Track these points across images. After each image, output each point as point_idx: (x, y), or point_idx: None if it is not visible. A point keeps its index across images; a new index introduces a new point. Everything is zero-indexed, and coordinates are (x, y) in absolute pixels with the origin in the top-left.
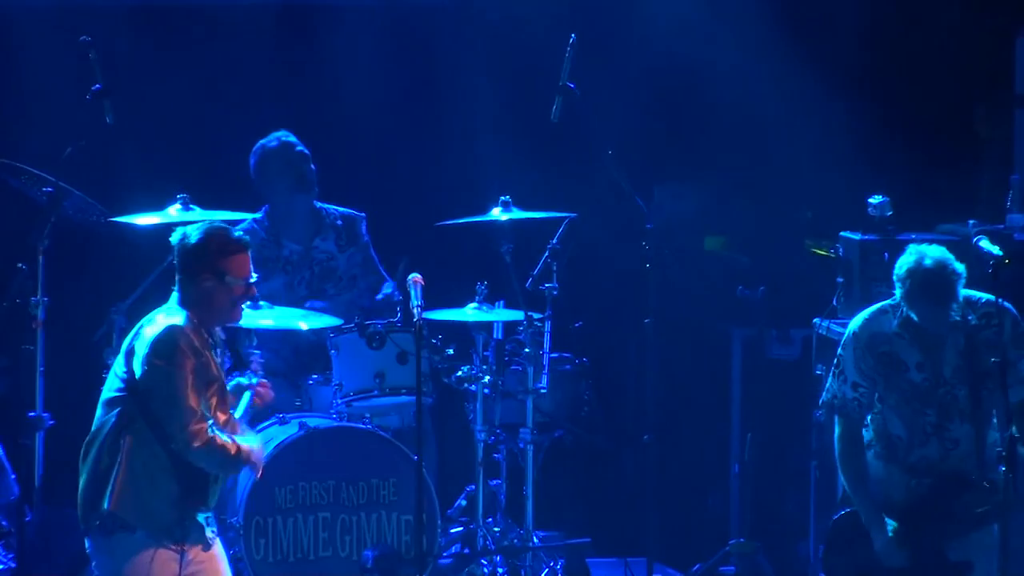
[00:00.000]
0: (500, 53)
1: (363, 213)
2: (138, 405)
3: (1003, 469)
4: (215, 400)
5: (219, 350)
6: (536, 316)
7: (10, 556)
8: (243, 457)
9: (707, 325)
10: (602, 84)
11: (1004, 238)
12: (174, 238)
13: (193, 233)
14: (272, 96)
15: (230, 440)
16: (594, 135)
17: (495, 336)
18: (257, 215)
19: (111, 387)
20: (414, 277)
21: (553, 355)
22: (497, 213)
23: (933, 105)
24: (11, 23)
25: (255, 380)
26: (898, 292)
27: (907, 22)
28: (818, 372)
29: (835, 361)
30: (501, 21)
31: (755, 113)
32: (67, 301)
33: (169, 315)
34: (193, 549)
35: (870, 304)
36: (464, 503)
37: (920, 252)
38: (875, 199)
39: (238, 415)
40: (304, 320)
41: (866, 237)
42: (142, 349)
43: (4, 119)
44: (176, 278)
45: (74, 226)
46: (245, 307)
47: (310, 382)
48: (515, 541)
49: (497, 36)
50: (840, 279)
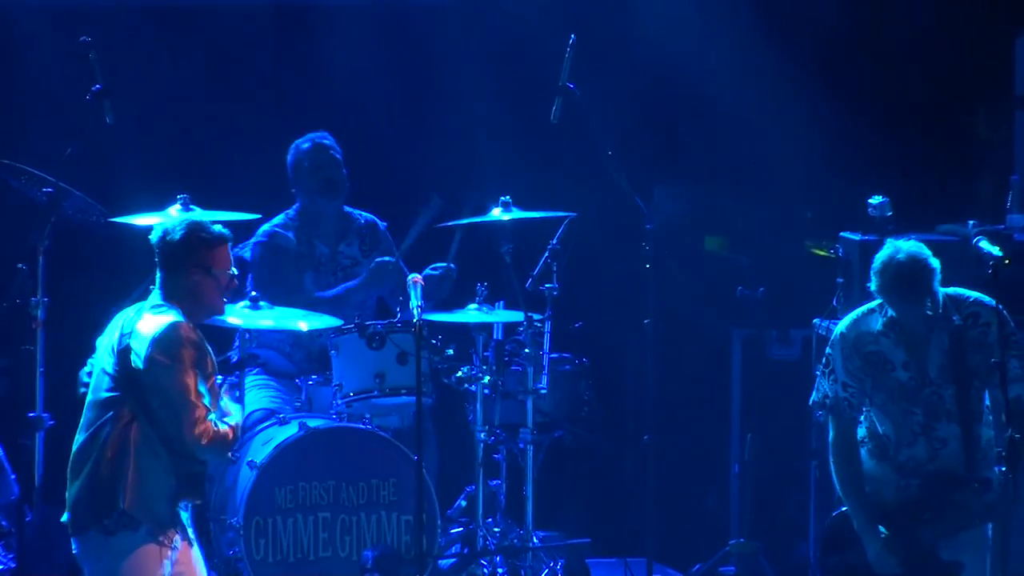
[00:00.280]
0: (500, 53)
1: (384, 221)
2: (139, 403)
3: (1003, 469)
4: (212, 392)
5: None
6: (536, 316)
7: (10, 556)
8: (238, 436)
9: (707, 325)
10: (602, 84)
11: (1004, 238)
12: (153, 236)
13: (175, 229)
14: (272, 96)
15: (226, 426)
16: (594, 135)
17: (495, 336)
18: (289, 212)
19: (101, 387)
20: (414, 277)
21: (553, 355)
22: (497, 213)
23: (933, 105)
24: (11, 23)
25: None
26: (873, 286)
27: (907, 22)
28: (818, 372)
29: (824, 361)
30: (501, 21)
31: (755, 113)
32: (67, 301)
33: (161, 312)
34: (182, 544)
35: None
36: (464, 503)
37: (895, 246)
38: (875, 199)
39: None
40: (304, 320)
41: (866, 237)
42: (141, 346)
43: (4, 119)
44: (159, 275)
45: (74, 226)
46: (245, 307)
47: (310, 382)
48: (515, 541)
49: (497, 36)
50: (840, 279)
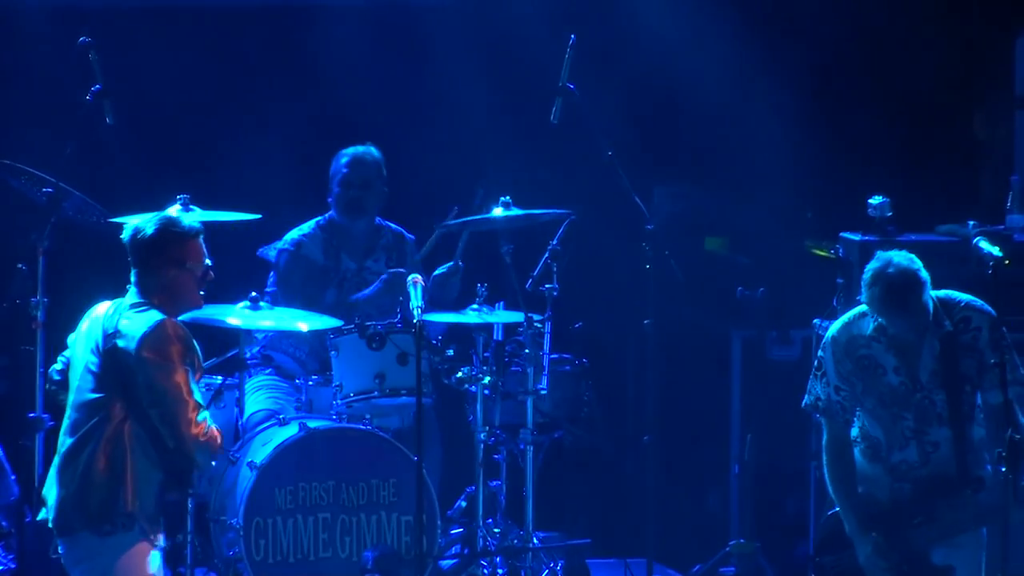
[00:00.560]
0: (500, 53)
1: (412, 236)
2: (129, 402)
3: (1003, 469)
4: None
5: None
6: (536, 317)
7: (10, 557)
8: (221, 439)
9: (707, 326)
10: (602, 84)
11: (1004, 238)
12: (125, 234)
13: (147, 226)
14: (272, 96)
15: (216, 426)
16: (594, 136)
17: (495, 337)
18: (321, 220)
19: (86, 387)
20: (414, 278)
21: (553, 356)
22: (498, 213)
23: (933, 106)
24: (11, 23)
25: None
26: (864, 298)
27: (907, 22)
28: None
29: (816, 364)
30: (501, 21)
31: (755, 113)
32: (67, 301)
33: (143, 310)
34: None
35: None
36: (464, 504)
37: (885, 259)
38: (875, 200)
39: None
40: (303, 321)
41: (866, 238)
42: (130, 345)
43: (4, 119)
44: (134, 272)
45: (74, 226)
46: (246, 307)
47: (310, 383)
48: (515, 542)
49: (497, 36)
50: (840, 280)
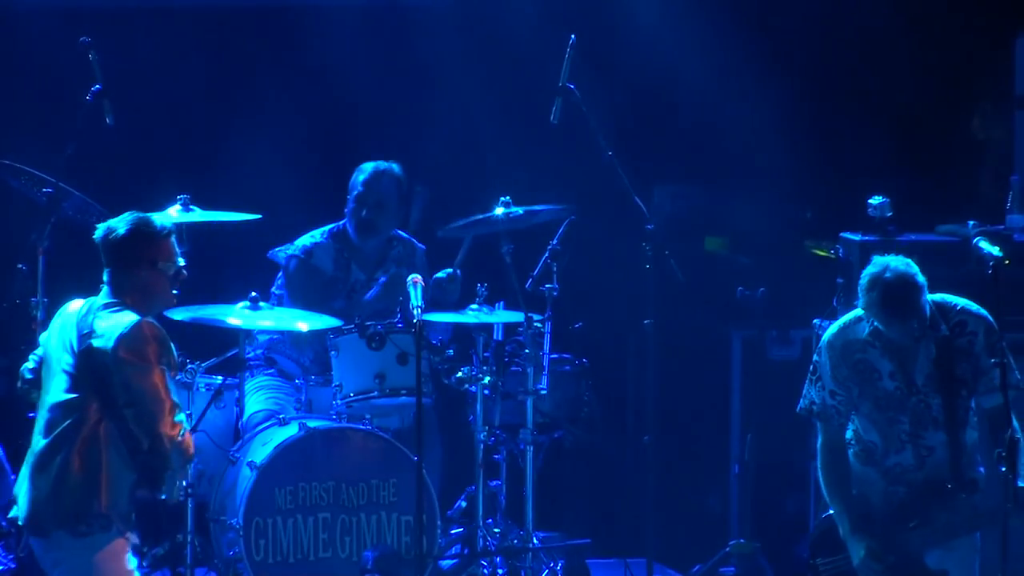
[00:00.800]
0: (500, 53)
1: (423, 245)
2: (104, 402)
3: (1003, 469)
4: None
5: None
6: (536, 317)
7: (10, 557)
8: (194, 453)
9: (707, 326)
10: (602, 84)
11: (1004, 238)
12: (98, 233)
13: (119, 226)
14: (272, 97)
15: (190, 434)
16: (594, 136)
17: (495, 337)
18: (335, 228)
19: (61, 387)
20: (414, 278)
21: (553, 356)
22: (499, 213)
23: (933, 106)
24: (11, 23)
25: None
26: (861, 303)
27: (907, 22)
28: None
29: (811, 368)
30: (501, 21)
31: (756, 113)
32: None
33: (118, 310)
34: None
35: None
36: (464, 504)
37: (883, 264)
38: (875, 199)
39: None
40: (303, 320)
41: (866, 238)
42: (106, 346)
43: (4, 119)
44: (106, 272)
45: (74, 226)
46: (245, 307)
47: (310, 383)
48: (515, 542)
49: (497, 36)
50: (840, 280)
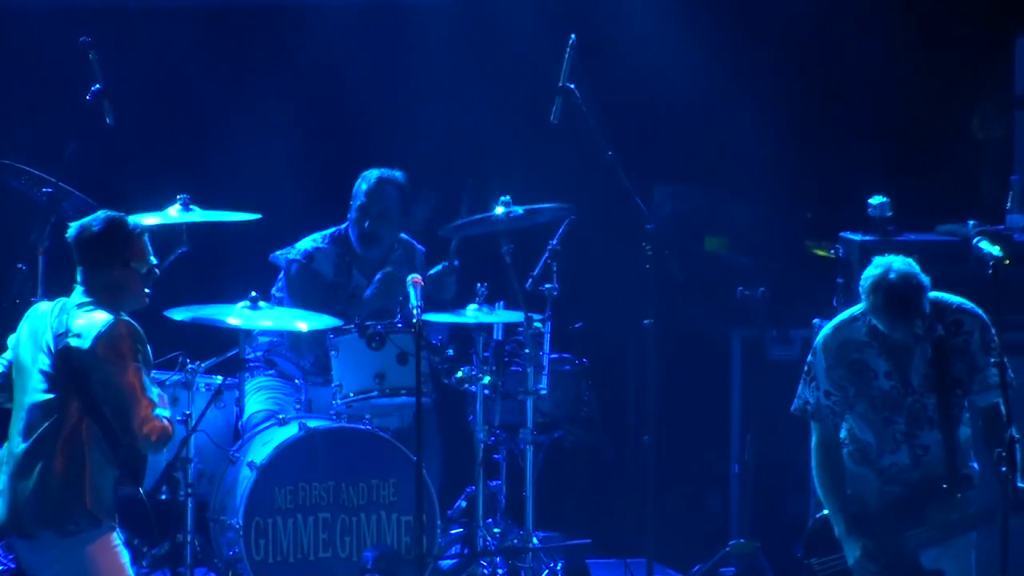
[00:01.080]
0: (500, 53)
1: (423, 247)
2: (84, 401)
3: (1003, 469)
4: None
5: None
6: (536, 317)
7: (10, 557)
8: (173, 427)
9: (707, 326)
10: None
11: (1004, 238)
12: (70, 232)
13: (92, 224)
14: (272, 96)
15: (166, 419)
16: (594, 135)
17: (495, 337)
18: (336, 233)
19: (38, 388)
20: (414, 278)
21: (553, 356)
22: (499, 212)
23: (933, 106)
24: (11, 23)
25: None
26: (864, 305)
27: (907, 23)
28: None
29: (805, 368)
30: (501, 21)
31: (756, 113)
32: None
33: (92, 309)
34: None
35: None
36: (464, 504)
37: (885, 265)
38: (875, 199)
39: None
40: (303, 320)
41: (866, 238)
42: (84, 344)
43: (4, 119)
44: (79, 271)
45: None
46: (245, 307)
47: (310, 383)
48: (515, 542)
49: (497, 36)
50: (840, 279)
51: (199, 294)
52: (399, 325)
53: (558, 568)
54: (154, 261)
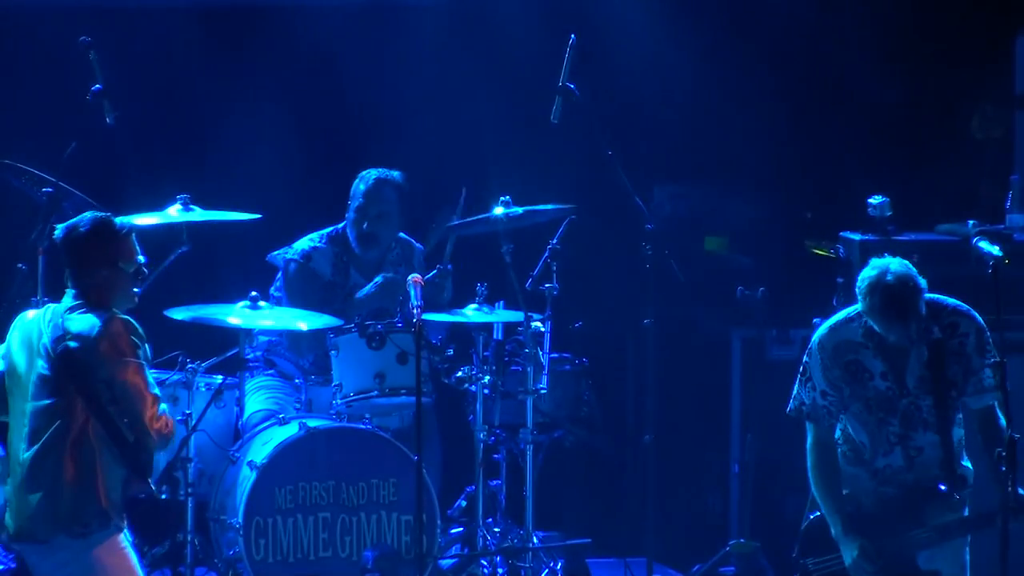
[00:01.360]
0: (500, 52)
1: (421, 246)
2: (89, 401)
3: (1003, 469)
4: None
5: None
6: (536, 316)
7: (10, 556)
8: (173, 424)
9: (707, 326)
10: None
11: (1004, 238)
12: (58, 233)
13: (79, 225)
14: (272, 96)
15: (170, 417)
16: (594, 135)
17: (495, 337)
18: (334, 233)
19: (41, 394)
20: (414, 278)
21: (553, 355)
22: (499, 212)
23: (933, 105)
24: (11, 23)
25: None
26: (861, 307)
27: (907, 22)
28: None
29: (801, 369)
30: (500, 20)
31: (756, 113)
32: None
33: (86, 310)
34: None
35: None
36: (464, 503)
37: (882, 267)
38: (875, 199)
39: None
40: (303, 320)
41: (866, 237)
42: (84, 345)
43: (4, 119)
44: (67, 272)
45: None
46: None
47: (310, 382)
48: (515, 541)
49: (497, 35)
50: (840, 279)
51: (199, 294)
52: (399, 325)
53: (558, 568)
54: (142, 260)
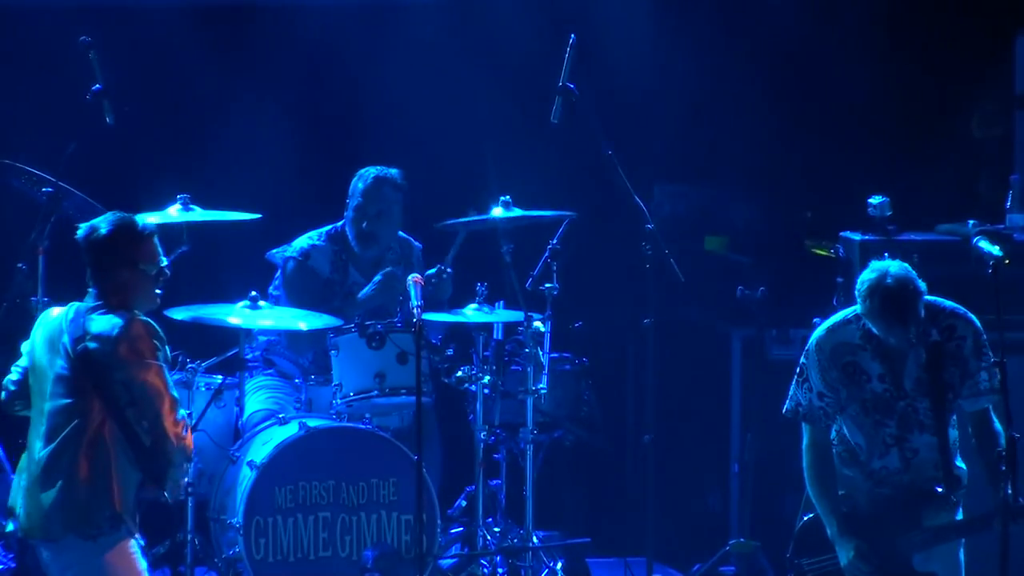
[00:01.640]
0: (500, 52)
1: (420, 244)
2: (106, 403)
3: (1003, 468)
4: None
5: None
6: (536, 316)
7: (10, 556)
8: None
9: (707, 325)
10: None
11: (1004, 238)
12: (80, 233)
13: (101, 226)
14: (272, 96)
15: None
16: (594, 135)
17: (495, 336)
18: (332, 231)
19: (58, 393)
20: (414, 277)
21: (553, 355)
22: (498, 213)
23: (933, 105)
24: (11, 23)
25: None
26: (860, 309)
27: (907, 22)
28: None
29: (798, 370)
30: (500, 20)
31: (755, 113)
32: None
33: (106, 311)
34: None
35: None
36: (464, 503)
37: (882, 269)
38: (875, 199)
39: None
40: (303, 320)
41: (866, 237)
42: (104, 346)
43: (4, 119)
44: (88, 272)
45: (74, 227)
46: (245, 306)
47: (310, 382)
48: (515, 541)
49: (496, 35)
50: (840, 279)
51: (199, 294)
52: (399, 324)
53: (558, 567)
54: (164, 262)
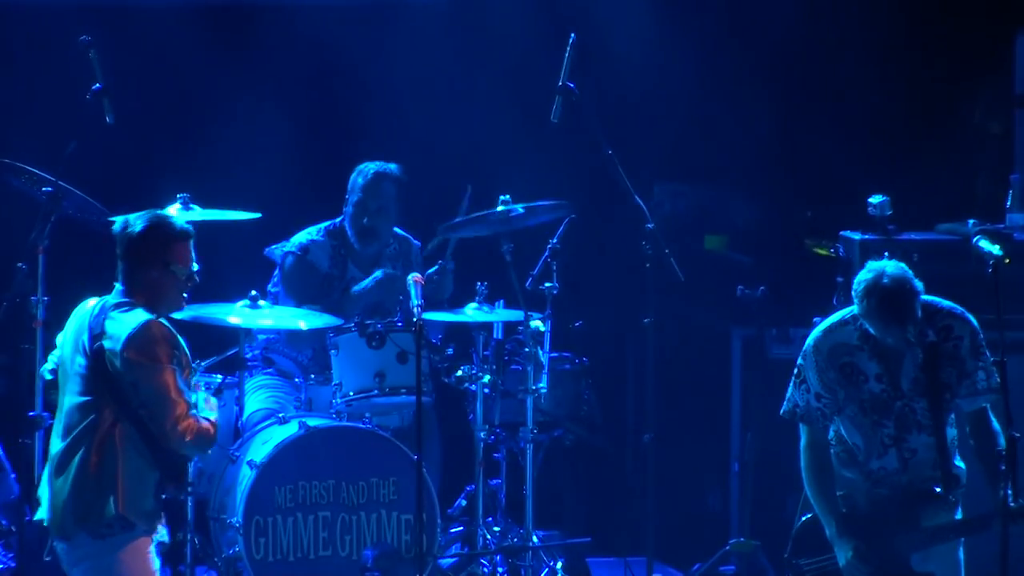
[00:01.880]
0: (499, 52)
1: (419, 242)
2: (119, 404)
3: (1003, 468)
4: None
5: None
6: (536, 315)
7: (10, 556)
8: (217, 430)
9: (707, 325)
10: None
11: (1004, 237)
12: (116, 227)
13: (137, 223)
14: (272, 95)
15: (206, 420)
16: (594, 135)
17: (495, 336)
18: (331, 227)
19: (75, 390)
20: (414, 277)
21: (553, 354)
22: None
23: (933, 104)
24: (11, 23)
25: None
26: (857, 309)
27: (907, 21)
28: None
29: (795, 371)
30: (500, 20)
31: (755, 112)
32: (67, 300)
33: (128, 310)
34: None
35: None
36: (464, 503)
37: (879, 269)
38: (875, 199)
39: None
40: (303, 319)
41: (866, 236)
42: (116, 347)
43: (4, 119)
44: (119, 267)
45: (74, 225)
46: (245, 306)
47: (310, 382)
48: (515, 540)
49: (496, 34)
50: (840, 279)
51: (199, 293)
52: (399, 324)
53: (558, 567)
54: (196, 267)
